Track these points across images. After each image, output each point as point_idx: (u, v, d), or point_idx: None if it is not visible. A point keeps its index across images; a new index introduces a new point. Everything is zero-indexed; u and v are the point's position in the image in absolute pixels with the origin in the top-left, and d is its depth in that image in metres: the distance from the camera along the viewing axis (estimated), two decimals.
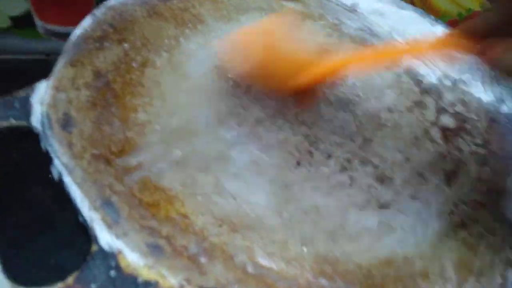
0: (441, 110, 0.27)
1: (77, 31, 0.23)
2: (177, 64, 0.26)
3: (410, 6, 0.33)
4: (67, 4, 0.39)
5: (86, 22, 0.24)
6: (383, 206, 0.21)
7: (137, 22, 0.26)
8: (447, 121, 0.26)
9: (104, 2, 0.26)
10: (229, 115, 0.24)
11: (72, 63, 0.21)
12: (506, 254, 0.18)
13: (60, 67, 0.21)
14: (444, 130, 0.25)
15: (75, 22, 0.41)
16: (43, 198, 0.27)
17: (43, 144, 0.18)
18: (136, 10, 0.26)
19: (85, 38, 0.23)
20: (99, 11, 0.25)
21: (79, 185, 0.16)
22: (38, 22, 0.40)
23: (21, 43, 0.41)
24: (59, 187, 0.17)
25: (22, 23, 0.40)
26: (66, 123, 0.19)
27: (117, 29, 0.25)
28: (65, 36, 0.41)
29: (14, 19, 0.39)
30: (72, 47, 0.22)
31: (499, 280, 0.17)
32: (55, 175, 0.17)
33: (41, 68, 0.42)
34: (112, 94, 0.21)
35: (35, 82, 0.40)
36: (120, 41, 0.24)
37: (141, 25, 0.26)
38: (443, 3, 0.44)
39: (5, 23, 0.39)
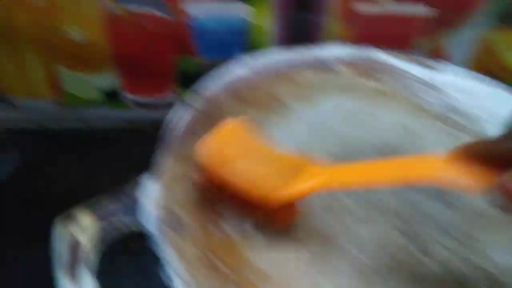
0: None
1: (177, 123, 0.25)
2: None
3: (496, 82, 0.32)
4: (150, 77, 0.43)
5: (184, 114, 0.26)
6: None
7: (227, 110, 0.28)
8: None
9: (198, 93, 0.28)
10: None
11: (176, 158, 0.23)
12: None
13: (165, 162, 0.22)
14: None
15: (156, 92, 0.44)
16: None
17: (154, 247, 0.19)
18: (226, 98, 0.28)
19: (184, 130, 0.25)
20: (194, 102, 0.27)
21: None
22: (126, 95, 0.44)
23: (109, 113, 0.45)
24: None
25: (112, 95, 0.44)
26: (176, 224, 0.20)
27: (211, 118, 0.26)
28: (146, 106, 0.45)
29: (104, 92, 0.43)
30: (174, 140, 0.24)
31: None
32: (166, 281, 0.18)
33: (126, 134, 0.45)
34: (214, 191, 0.22)
35: (120, 146, 0.44)
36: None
37: (230, 113, 0.28)
38: None
39: (98, 96, 0.43)
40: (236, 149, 0.20)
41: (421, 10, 0.41)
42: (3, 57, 0.38)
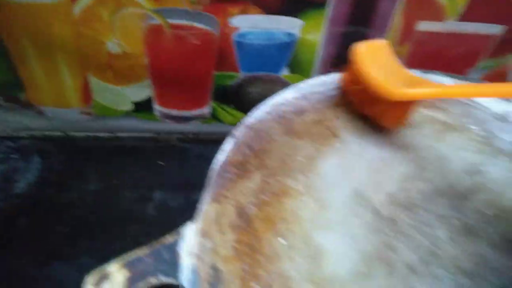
0: None
1: (220, 157, 0.22)
2: (316, 191, 0.23)
3: None
4: (185, 91, 0.40)
5: (227, 146, 0.23)
6: None
7: (273, 141, 0.25)
8: None
9: (243, 121, 0.25)
10: (376, 261, 0.21)
11: (216, 198, 0.20)
12: None
13: (205, 204, 0.20)
14: None
15: (190, 107, 0.42)
16: None
17: None
18: (273, 127, 0.25)
19: (226, 165, 0.22)
20: (238, 132, 0.24)
21: None
22: (156, 107, 0.42)
23: (138, 124, 0.43)
24: None
25: (142, 107, 0.42)
26: (215, 280, 0.17)
27: (256, 152, 0.23)
28: (177, 119, 0.43)
29: (135, 103, 0.42)
30: (215, 177, 0.21)
31: None
32: None
33: (152, 145, 0.44)
34: (255, 237, 0.20)
35: (147, 157, 0.42)
36: (259, 167, 0.23)
37: (277, 145, 0.25)
38: None
39: (128, 107, 0.42)
40: (379, 59, 0.25)
41: (490, 29, 0.37)
42: (36, 66, 0.36)
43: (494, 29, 0.37)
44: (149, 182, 0.39)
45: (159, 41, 0.35)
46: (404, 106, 0.26)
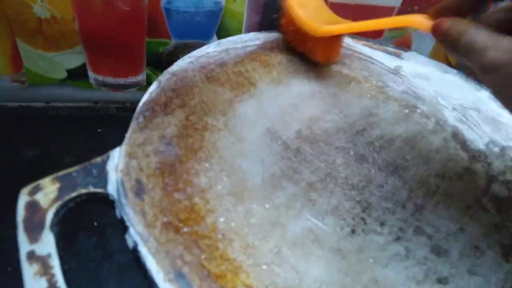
0: (492, 178, 0.27)
1: (145, 97, 0.25)
2: (233, 128, 0.27)
3: (454, 70, 0.34)
4: (118, 58, 0.42)
5: (152, 88, 0.26)
6: (441, 280, 0.21)
7: (196, 87, 0.28)
8: (499, 190, 0.26)
9: (167, 69, 0.28)
10: (283, 179, 0.25)
11: (142, 129, 0.23)
12: None
13: (131, 133, 0.22)
14: (496, 200, 0.25)
15: (124, 74, 0.44)
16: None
17: (118, 212, 0.19)
18: (195, 75, 0.28)
19: (151, 104, 0.25)
20: (163, 77, 0.27)
21: (154, 256, 0.17)
22: (91, 74, 0.43)
23: (74, 93, 0.44)
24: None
25: (76, 74, 0.43)
26: (139, 190, 0.20)
27: (179, 94, 0.26)
28: (113, 86, 0.44)
29: (69, 71, 0.42)
30: (140, 112, 0.24)
31: None
32: (130, 243, 0.18)
33: (90, 114, 0.45)
34: (177, 160, 0.23)
35: (85, 126, 0.43)
36: (181, 106, 0.26)
37: (200, 89, 0.28)
38: None
39: (62, 74, 0.42)
40: (308, 3, 0.31)
41: (391, 1, 0.42)
42: None
43: (393, 2, 0.42)
44: (89, 148, 0.40)
45: (88, 6, 0.36)
46: (329, 42, 0.30)
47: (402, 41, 0.46)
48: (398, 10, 0.43)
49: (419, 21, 0.22)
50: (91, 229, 0.33)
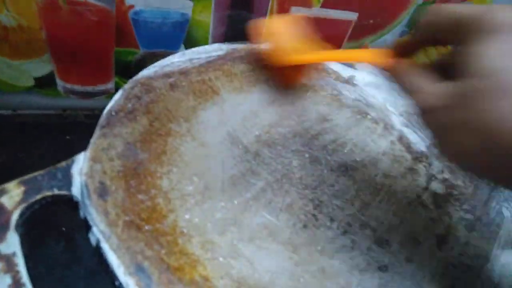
0: (431, 177, 0.30)
1: (110, 105, 0.26)
2: (196, 133, 0.29)
3: None
4: (87, 67, 0.43)
5: (117, 96, 0.27)
6: (382, 268, 0.23)
7: (160, 94, 0.29)
8: (437, 187, 0.29)
9: (133, 77, 0.29)
10: (241, 181, 0.27)
11: (106, 135, 0.24)
12: None
13: (95, 138, 0.24)
14: (435, 196, 0.28)
15: (92, 82, 0.44)
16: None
17: (82, 213, 0.20)
18: (159, 84, 0.30)
19: (116, 111, 0.26)
20: (128, 85, 0.28)
21: (115, 251, 0.19)
22: (59, 82, 0.43)
23: (42, 100, 0.45)
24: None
25: (44, 82, 0.43)
26: (102, 192, 0.21)
27: (144, 102, 0.28)
28: (81, 94, 0.45)
29: (37, 79, 0.43)
30: (105, 119, 0.25)
31: None
32: (93, 241, 0.19)
33: (58, 122, 0.45)
34: (140, 163, 0.24)
35: (54, 133, 0.43)
36: (145, 113, 0.27)
37: (164, 97, 0.29)
38: None
39: (29, 82, 0.43)
40: (283, 30, 0.33)
41: (348, 15, 0.45)
42: None
43: (351, 16, 0.46)
44: (57, 155, 0.40)
45: (56, 16, 0.37)
46: (295, 70, 0.33)
47: None
48: (355, 23, 0.46)
49: (373, 58, 0.25)
50: (58, 232, 0.33)
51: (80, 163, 0.22)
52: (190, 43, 0.43)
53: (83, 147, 0.23)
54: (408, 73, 0.21)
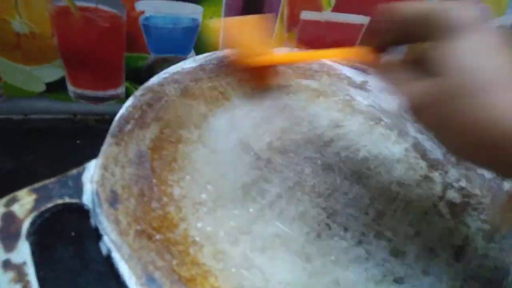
0: (447, 185, 0.29)
1: (120, 112, 0.26)
2: (207, 140, 0.28)
3: None
4: (97, 72, 0.43)
5: (128, 103, 0.27)
6: (398, 280, 0.22)
7: (171, 101, 0.29)
8: (453, 196, 0.28)
9: (143, 84, 0.29)
10: (253, 188, 0.27)
11: (117, 142, 0.24)
12: None
13: (106, 146, 0.23)
14: (451, 205, 0.27)
15: (103, 87, 0.45)
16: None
17: (93, 221, 0.20)
18: (170, 90, 0.30)
19: (127, 118, 0.26)
20: (138, 92, 0.28)
21: (127, 261, 0.18)
22: (69, 87, 0.44)
23: (53, 105, 0.45)
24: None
25: (55, 87, 0.43)
26: (113, 200, 0.21)
27: (154, 109, 0.28)
28: (92, 99, 0.45)
29: (48, 84, 0.43)
30: (116, 127, 0.25)
31: None
32: (104, 250, 0.19)
33: (68, 126, 0.45)
34: (151, 171, 0.24)
35: (64, 138, 0.44)
36: (156, 120, 0.27)
37: (174, 104, 0.29)
38: None
39: (40, 88, 0.43)
40: (249, 31, 0.32)
41: (360, 19, 0.45)
42: None
43: (362, 19, 0.45)
44: (66, 160, 0.41)
45: (67, 23, 0.37)
46: (263, 71, 0.32)
47: None
48: (366, 28, 0.46)
49: (346, 55, 0.25)
50: (69, 239, 0.33)
51: (91, 171, 0.22)
52: (201, 49, 0.43)
53: (93, 152, 0.23)
54: (389, 71, 0.21)
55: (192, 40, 0.42)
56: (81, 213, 0.20)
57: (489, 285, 0.22)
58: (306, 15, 0.43)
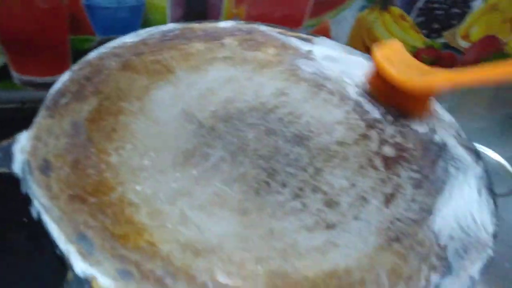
0: (383, 142, 0.30)
1: (56, 86, 0.26)
2: (148, 111, 0.29)
3: (359, 52, 0.38)
4: (42, 57, 0.42)
5: (65, 77, 0.27)
6: (329, 226, 0.24)
7: (111, 75, 0.29)
8: (388, 150, 0.30)
9: (83, 58, 0.29)
10: (196, 153, 0.27)
11: (51, 115, 0.24)
12: (431, 261, 0.21)
13: (39, 118, 0.24)
14: (386, 159, 0.29)
15: (50, 73, 0.44)
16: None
17: (23, 188, 0.20)
18: (111, 64, 0.30)
19: (63, 91, 0.26)
20: (76, 67, 0.28)
21: (56, 222, 0.19)
22: (14, 74, 0.43)
23: None
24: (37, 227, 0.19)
25: None
26: (45, 168, 0.21)
27: (93, 82, 0.28)
28: (40, 86, 0.44)
29: None
30: (50, 100, 0.25)
31: (423, 283, 0.20)
32: (35, 214, 0.19)
33: (17, 116, 0.44)
34: (87, 141, 0.24)
35: (12, 129, 0.43)
36: (95, 93, 0.27)
37: (115, 77, 0.29)
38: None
39: None
40: (399, 57, 0.31)
41: None
42: None
43: None
44: None
45: (4, 5, 0.36)
46: (424, 96, 0.30)
47: (319, 30, 0.49)
48: (316, 1, 0.46)
49: None
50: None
51: (23, 142, 0.22)
52: (148, 27, 0.43)
53: None
54: None
55: (138, 19, 0.42)
56: (11, 182, 0.21)
57: (413, 224, 0.24)
58: None
